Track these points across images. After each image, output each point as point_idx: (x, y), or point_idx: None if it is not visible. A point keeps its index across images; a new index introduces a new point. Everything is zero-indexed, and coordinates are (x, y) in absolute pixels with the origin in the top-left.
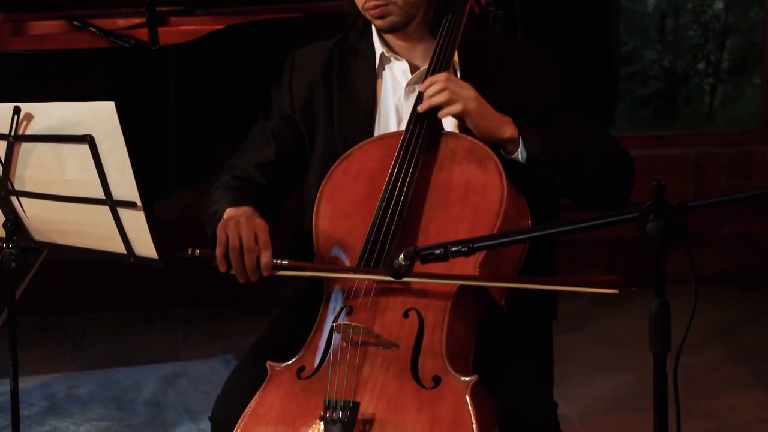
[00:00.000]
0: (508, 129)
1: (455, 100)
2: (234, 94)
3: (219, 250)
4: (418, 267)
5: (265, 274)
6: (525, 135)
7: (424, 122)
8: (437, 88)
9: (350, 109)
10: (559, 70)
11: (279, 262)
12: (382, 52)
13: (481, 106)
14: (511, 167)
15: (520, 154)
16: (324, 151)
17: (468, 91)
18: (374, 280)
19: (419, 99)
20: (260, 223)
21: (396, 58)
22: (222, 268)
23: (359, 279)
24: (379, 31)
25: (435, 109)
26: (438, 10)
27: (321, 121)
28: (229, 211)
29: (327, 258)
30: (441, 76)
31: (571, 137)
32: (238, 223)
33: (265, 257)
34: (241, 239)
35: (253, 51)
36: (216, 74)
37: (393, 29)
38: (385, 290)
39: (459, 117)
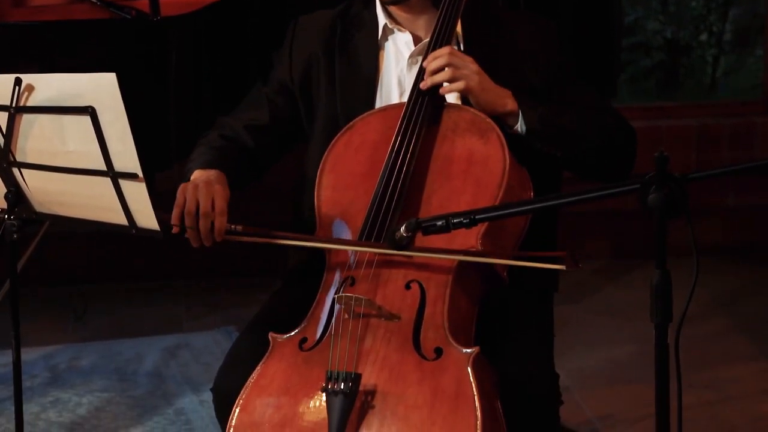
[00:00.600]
0: (508, 103)
1: (458, 78)
2: (236, 64)
3: (175, 212)
4: (421, 240)
5: (218, 239)
6: (525, 109)
7: (426, 96)
8: (440, 63)
9: (352, 80)
10: (560, 41)
11: (233, 227)
12: (385, 24)
13: (483, 81)
14: (512, 139)
15: (520, 127)
16: (326, 122)
17: (471, 66)
18: (375, 253)
19: (421, 73)
20: (219, 189)
21: (399, 30)
22: (175, 229)
23: (316, 247)
24: (383, 3)
25: (437, 85)
26: None
27: (322, 92)
28: (196, 174)
29: (329, 230)
30: (444, 51)
31: (571, 110)
32: (196, 188)
33: (219, 222)
34: (198, 204)
35: (255, 20)
36: (217, 44)
37: (396, 1)
38: (387, 262)
39: (461, 92)
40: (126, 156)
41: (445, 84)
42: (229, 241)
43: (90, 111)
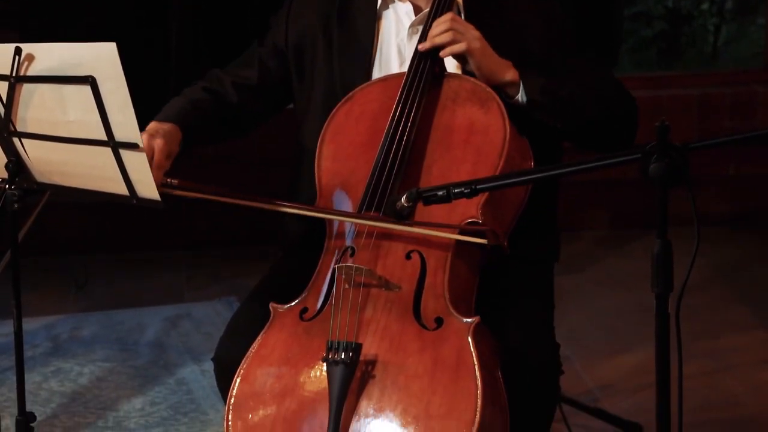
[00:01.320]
0: (509, 72)
1: (458, 40)
2: (237, 31)
3: None
4: (421, 210)
5: None
6: (525, 79)
7: (427, 62)
8: (441, 28)
9: (349, 48)
10: (562, 10)
11: (168, 180)
12: None
13: (484, 46)
14: (513, 110)
15: (521, 97)
16: (324, 92)
17: (472, 31)
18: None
19: (423, 39)
20: (159, 143)
21: (400, 0)
22: None
23: (264, 207)
24: None
25: (437, 49)
26: None
27: (320, 60)
28: (150, 125)
29: (329, 200)
30: (446, 17)
31: (572, 81)
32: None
33: (153, 174)
34: None
35: None
36: (219, 10)
37: None
38: (387, 232)
39: (462, 57)
40: (127, 126)
41: (445, 48)
42: (165, 194)
43: (90, 80)
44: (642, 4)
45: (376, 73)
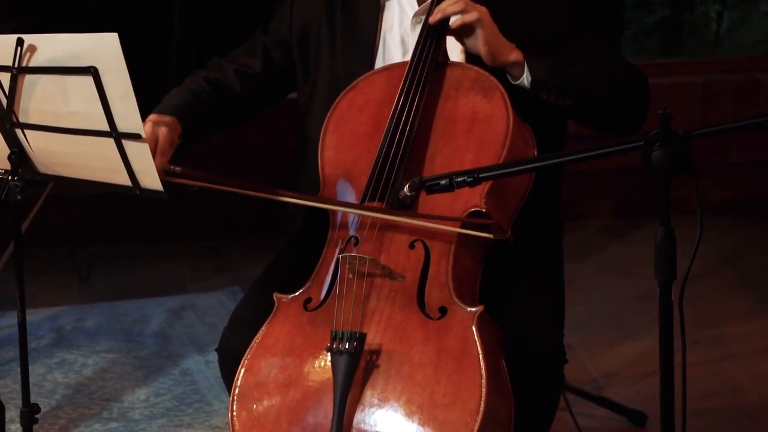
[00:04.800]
0: (513, 53)
1: (469, 10)
2: (240, 20)
3: None
4: (425, 200)
5: None
6: (530, 59)
7: (432, 43)
8: (451, 0)
9: (352, 38)
10: None
11: (172, 168)
12: None
13: (492, 22)
14: (518, 97)
15: (526, 78)
16: (327, 82)
17: (481, 6)
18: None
19: (425, 27)
20: (163, 131)
21: None
22: None
23: (265, 197)
24: None
25: (443, 31)
26: None
27: (323, 50)
28: (151, 116)
29: (333, 190)
30: None
31: (580, 61)
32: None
33: (157, 162)
34: None
35: None
36: (221, 2)
37: None
38: (391, 222)
39: (470, 31)
40: (129, 116)
41: (455, 18)
42: (169, 182)
43: (92, 71)
44: None
45: (379, 64)
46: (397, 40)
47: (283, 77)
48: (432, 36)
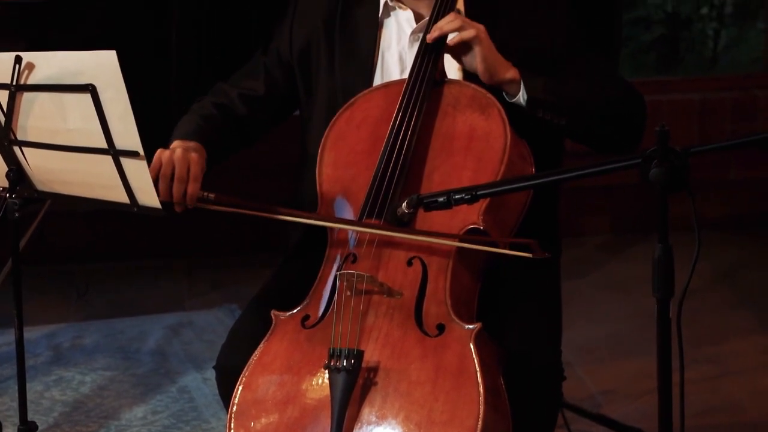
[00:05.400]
0: (510, 71)
1: (466, 27)
2: (238, 38)
3: (151, 175)
4: (422, 217)
5: (189, 205)
6: (526, 77)
7: (430, 60)
8: (449, 18)
9: (350, 56)
10: (567, 11)
11: (206, 195)
12: (386, 1)
13: (489, 39)
14: (515, 114)
15: (522, 96)
16: (326, 99)
17: (478, 24)
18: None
19: (422, 48)
20: (194, 157)
21: (400, 7)
22: None
23: (295, 221)
24: None
25: (441, 49)
26: None
27: (322, 68)
28: (175, 143)
29: (330, 207)
30: (451, 14)
31: (576, 79)
32: (173, 153)
33: (192, 188)
34: (173, 168)
35: None
36: (219, 19)
37: None
38: (389, 239)
39: (467, 48)
40: (127, 134)
41: (453, 35)
42: (201, 208)
43: (90, 89)
44: (641, 8)
45: (378, 81)
46: (395, 57)
47: (286, 97)
48: (429, 54)
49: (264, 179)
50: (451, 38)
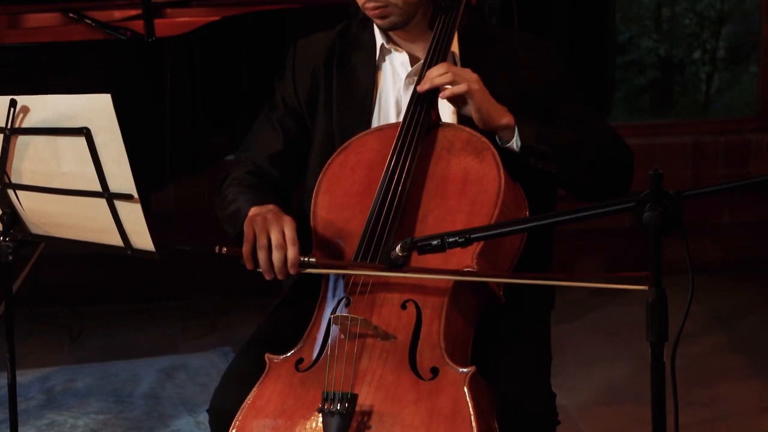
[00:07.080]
0: (505, 117)
1: (458, 81)
2: (230, 85)
3: (246, 248)
4: (417, 259)
5: (292, 271)
6: (521, 124)
7: (423, 110)
8: (440, 70)
9: (348, 99)
10: (558, 60)
11: (306, 260)
12: (382, 44)
13: (483, 88)
14: (508, 157)
15: (515, 143)
16: (323, 140)
17: (471, 74)
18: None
19: (415, 92)
20: (288, 220)
21: (396, 50)
22: (249, 266)
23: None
24: (380, 28)
25: (435, 93)
26: (437, 7)
27: (321, 110)
28: (254, 210)
29: (325, 249)
30: (443, 64)
31: (568, 128)
32: (265, 220)
33: (292, 254)
34: (269, 236)
35: (250, 42)
36: (212, 66)
37: (393, 28)
38: (383, 282)
39: (460, 99)
40: (121, 177)
41: (446, 87)
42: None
43: (85, 132)
44: (634, 52)
45: (376, 123)
46: (392, 100)
47: (304, 144)
48: (422, 101)
49: None
50: (443, 93)
